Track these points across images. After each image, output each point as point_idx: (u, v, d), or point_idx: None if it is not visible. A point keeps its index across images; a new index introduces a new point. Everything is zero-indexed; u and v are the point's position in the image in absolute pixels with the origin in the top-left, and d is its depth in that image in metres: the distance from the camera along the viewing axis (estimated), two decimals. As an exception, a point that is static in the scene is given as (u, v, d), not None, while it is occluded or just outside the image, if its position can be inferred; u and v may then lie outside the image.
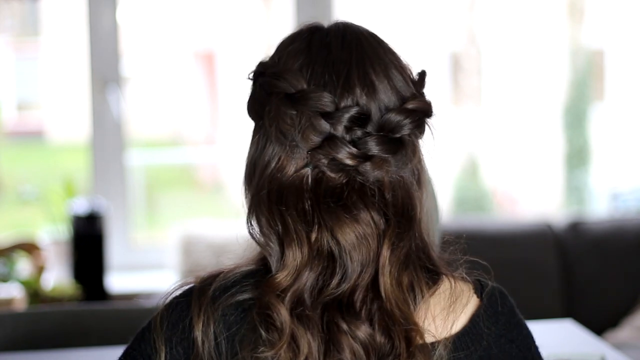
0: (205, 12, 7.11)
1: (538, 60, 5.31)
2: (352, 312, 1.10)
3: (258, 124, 1.18)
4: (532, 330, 1.24)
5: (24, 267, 3.68)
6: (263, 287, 1.11)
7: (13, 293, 3.48)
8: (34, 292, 3.50)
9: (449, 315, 1.15)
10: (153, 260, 4.03)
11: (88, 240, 3.60)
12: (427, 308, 1.14)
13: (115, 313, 2.23)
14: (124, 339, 1.27)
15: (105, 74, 3.92)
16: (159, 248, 4.07)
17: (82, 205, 3.65)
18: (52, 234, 3.85)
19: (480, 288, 1.19)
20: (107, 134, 3.96)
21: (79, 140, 6.28)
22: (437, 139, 1.18)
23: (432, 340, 1.13)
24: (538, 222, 3.64)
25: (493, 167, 5.24)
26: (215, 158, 7.43)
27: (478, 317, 1.17)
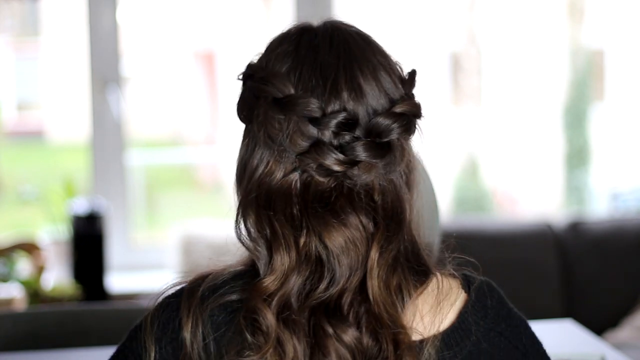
0: (205, 12, 7.11)
1: (538, 60, 5.31)
2: (339, 315, 1.10)
3: (247, 127, 1.18)
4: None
5: (24, 267, 3.68)
6: (250, 291, 1.11)
7: (13, 293, 3.48)
8: (34, 292, 3.50)
9: (437, 314, 1.15)
10: (153, 260, 4.03)
11: (88, 240, 3.60)
12: (414, 308, 1.14)
13: (115, 313, 2.22)
14: (124, 339, 1.27)
15: (105, 74, 3.92)
16: (159, 248, 4.07)
17: (82, 205, 3.65)
18: (52, 234, 3.85)
19: (468, 283, 1.19)
20: (107, 134, 3.96)
21: (79, 140, 6.27)
22: (437, 139, 1.18)
23: (419, 338, 1.13)
24: (538, 222, 3.64)
25: (493, 167, 5.24)
26: (215, 158, 7.43)
27: (466, 312, 1.16)
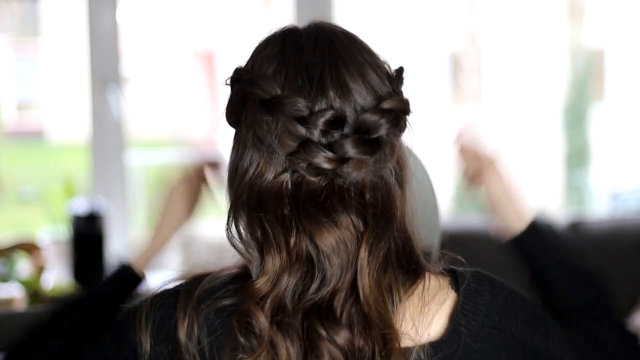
0: (205, 12, 7.11)
1: (538, 60, 5.31)
2: (331, 317, 1.10)
3: (236, 131, 1.18)
4: None
5: (24, 267, 3.68)
6: (242, 293, 1.11)
7: (13, 293, 3.48)
8: (34, 292, 3.50)
9: (425, 315, 1.14)
10: (153, 260, 4.02)
11: (88, 240, 3.60)
12: (404, 310, 1.13)
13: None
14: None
15: (105, 74, 3.92)
16: (159, 248, 4.07)
17: (82, 205, 3.65)
18: (52, 234, 3.85)
19: (457, 281, 1.17)
20: (107, 134, 3.96)
21: (79, 140, 6.28)
22: (437, 139, 1.18)
23: (410, 345, 1.12)
24: (538, 222, 3.64)
25: (493, 167, 5.23)
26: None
27: (457, 315, 1.15)
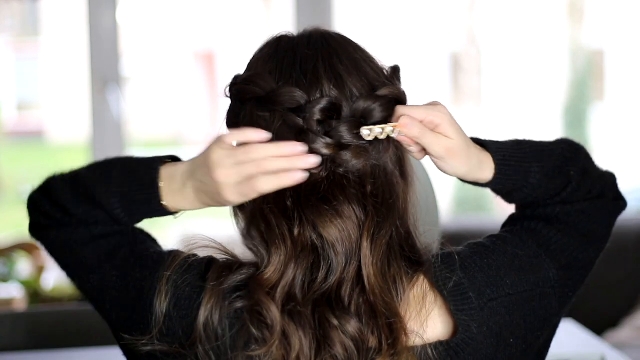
0: (205, 12, 7.12)
1: (538, 60, 5.31)
2: (341, 306, 1.11)
3: None
4: None
5: (24, 267, 3.68)
6: (252, 285, 1.12)
7: (13, 293, 3.48)
8: (34, 292, 3.50)
9: (428, 317, 1.14)
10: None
11: (88, 240, 3.60)
12: (407, 306, 1.13)
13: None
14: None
15: (105, 74, 3.92)
16: (159, 248, 4.07)
17: (82, 205, 3.65)
18: (52, 234, 3.84)
19: (437, 282, 1.16)
20: (107, 134, 3.96)
21: (79, 140, 6.28)
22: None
23: (419, 343, 1.13)
24: (538, 222, 3.64)
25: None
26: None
27: (455, 313, 1.14)
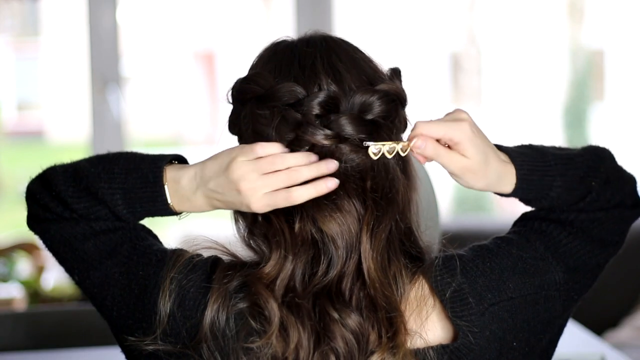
0: (205, 12, 7.12)
1: (538, 60, 5.31)
2: (341, 300, 1.11)
3: (238, 135, 1.19)
4: None
5: (24, 267, 3.68)
6: (251, 279, 1.12)
7: (13, 293, 3.48)
8: (34, 292, 3.50)
9: (427, 320, 1.14)
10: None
11: (88, 240, 3.60)
12: (408, 301, 1.13)
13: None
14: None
15: (105, 74, 3.92)
16: (159, 248, 4.07)
17: (82, 205, 3.65)
18: (52, 234, 3.84)
19: (437, 287, 1.15)
20: (107, 134, 3.96)
21: (79, 140, 6.27)
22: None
23: (421, 345, 1.13)
24: (538, 222, 3.63)
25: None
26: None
27: (454, 318, 1.14)
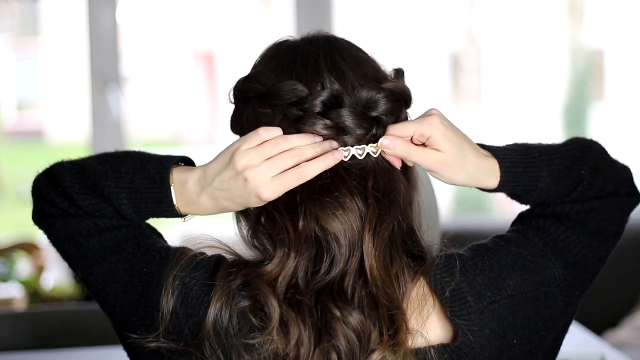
0: (205, 12, 7.12)
1: (538, 60, 5.31)
2: (344, 298, 1.11)
3: (241, 135, 1.18)
4: None
5: (24, 267, 3.68)
6: (253, 276, 1.12)
7: (13, 293, 3.48)
8: (34, 292, 3.50)
9: (427, 319, 1.14)
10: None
11: (88, 240, 3.60)
12: (410, 300, 1.13)
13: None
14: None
15: (105, 74, 3.92)
16: (159, 248, 4.07)
17: (82, 205, 3.65)
18: (52, 234, 3.84)
19: (438, 287, 1.15)
20: (107, 134, 3.96)
21: (79, 140, 6.27)
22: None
23: (422, 345, 1.13)
24: (538, 222, 3.63)
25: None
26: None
27: (453, 318, 1.14)
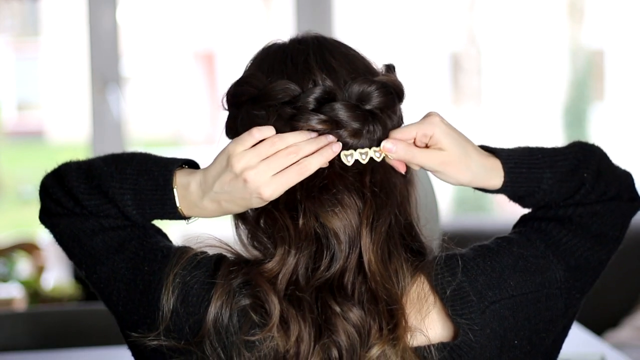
0: (205, 12, 7.12)
1: (538, 60, 5.31)
2: (343, 294, 1.11)
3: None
4: None
5: (24, 267, 3.68)
6: (253, 273, 1.12)
7: (13, 293, 3.48)
8: (34, 292, 3.50)
9: (427, 317, 1.14)
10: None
11: (88, 240, 3.60)
12: (409, 297, 1.13)
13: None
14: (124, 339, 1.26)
15: (105, 74, 3.92)
16: (159, 248, 4.07)
17: (82, 205, 3.65)
18: (52, 234, 3.85)
19: (438, 286, 1.15)
20: (107, 134, 3.96)
21: (79, 140, 6.28)
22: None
23: (423, 343, 1.13)
24: (538, 222, 3.63)
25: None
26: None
27: (454, 316, 1.14)
